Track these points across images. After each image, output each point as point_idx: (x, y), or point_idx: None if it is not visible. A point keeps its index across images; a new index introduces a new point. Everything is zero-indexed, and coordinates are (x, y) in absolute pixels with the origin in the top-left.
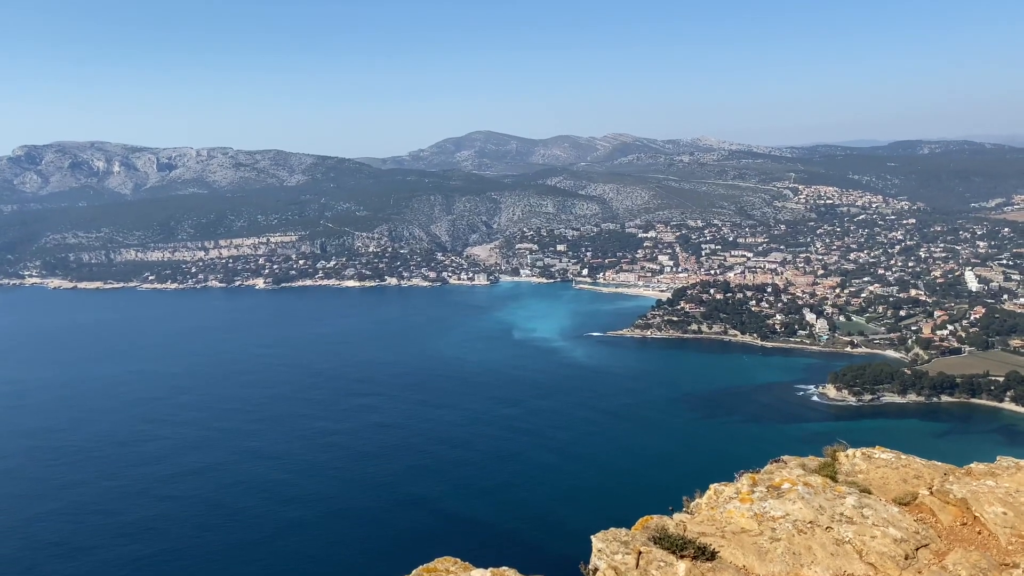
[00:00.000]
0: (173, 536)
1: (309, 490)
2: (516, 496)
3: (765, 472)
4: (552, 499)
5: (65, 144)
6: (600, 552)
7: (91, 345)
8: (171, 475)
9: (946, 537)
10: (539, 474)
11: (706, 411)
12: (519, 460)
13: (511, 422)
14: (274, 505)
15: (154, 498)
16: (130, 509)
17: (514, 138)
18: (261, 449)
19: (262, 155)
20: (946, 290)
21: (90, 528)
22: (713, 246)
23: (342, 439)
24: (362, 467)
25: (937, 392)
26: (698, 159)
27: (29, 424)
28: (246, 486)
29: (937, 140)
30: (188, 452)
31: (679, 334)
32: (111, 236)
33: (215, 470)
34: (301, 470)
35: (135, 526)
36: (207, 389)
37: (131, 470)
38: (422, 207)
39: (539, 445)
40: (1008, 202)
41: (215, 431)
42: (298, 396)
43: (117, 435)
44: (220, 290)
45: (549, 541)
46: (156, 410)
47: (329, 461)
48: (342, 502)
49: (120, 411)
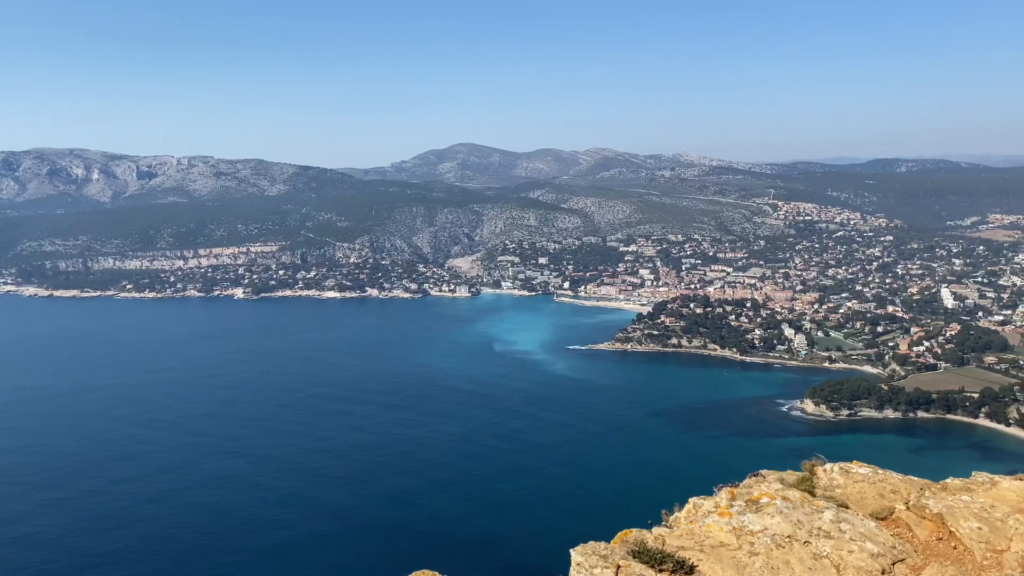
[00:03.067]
0: (141, 553)
1: (284, 505)
2: (495, 509)
3: (744, 486)
4: (531, 512)
5: (43, 151)
6: (579, 566)
7: (64, 354)
8: (139, 491)
9: (922, 552)
10: (518, 487)
11: (685, 425)
12: (498, 474)
13: (491, 436)
14: (248, 521)
15: (120, 514)
16: (106, 521)
17: (497, 151)
18: (233, 465)
19: (243, 164)
20: (922, 307)
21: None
22: (693, 261)
23: (320, 452)
24: (339, 479)
25: (913, 408)
26: (679, 174)
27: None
28: (218, 501)
29: (914, 159)
30: (157, 468)
31: (659, 348)
32: (89, 244)
33: (183, 489)
34: (277, 484)
35: (110, 533)
36: (180, 401)
37: (106, 482)
38: (404, 218)
39: (519, 458)
40: (983, 220)
41: (188, 444)
42: (276, 408)
43: (86, 447)
44: (199, 299)
45: (528, 554)
46: (125, 424)
47: (305, 474)
48: (319, 516)
49: (90, 422)
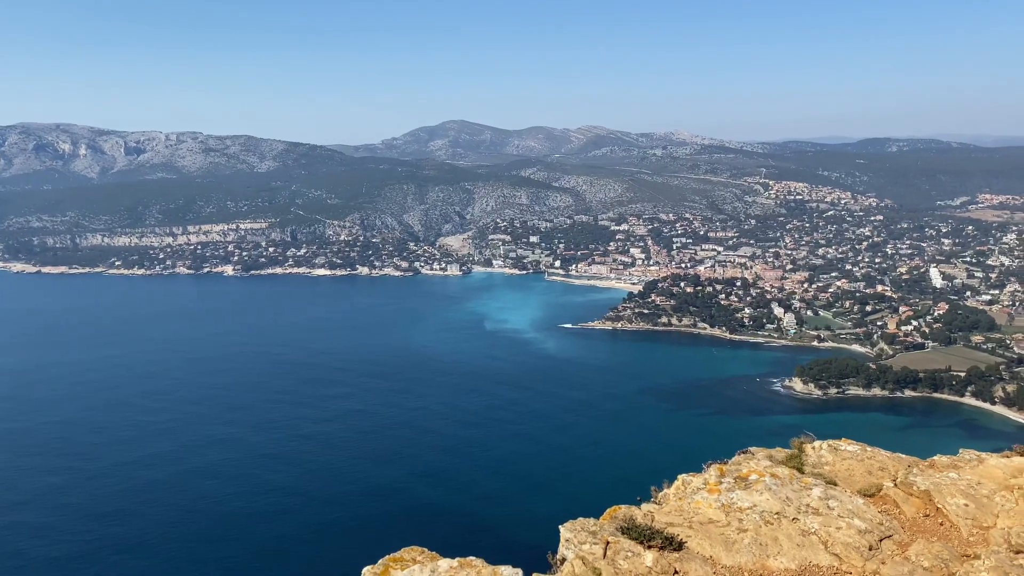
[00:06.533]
0: (139, 524)
1: (274, 480)
2: (485, 486)
3: (733, 463)
4: (521, 489)
5: (29, 125)
6: (568, 542)
7: (53, 330)
8: (131, 463)
9: (909, 528)
10: (508, 464)
11: (675, 403)
12: (489, 450)
13: (482, 412)
14: (237, 496)
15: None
16: (98, 495)
17: (488, 128)
18: (225, 438)
19: (232, 140)
20: (911, 286)
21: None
22: (684, 240)
23: (310, 428)
24: (329, 456)
25: (901, 386)
26: (671, 153)
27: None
28: (209, 475)
29: (905, 138)
30: (150, 441)
31: (649, 326)
32: (77, 220)
33: (174, 459)
34: (265, 460)
35: (106, 515)
36: (172, 378)
37: (99, 458)
38: (395, 196)
39: (509, 435)
40: (972, 200)
41: (180, 421)
42: (266, 385)
43: (78, 424)
44: (188, 277)
45: (517, 531)
46: (119, 400)
47: (296, 450)
48: (308, 491)
49: (79, 400)
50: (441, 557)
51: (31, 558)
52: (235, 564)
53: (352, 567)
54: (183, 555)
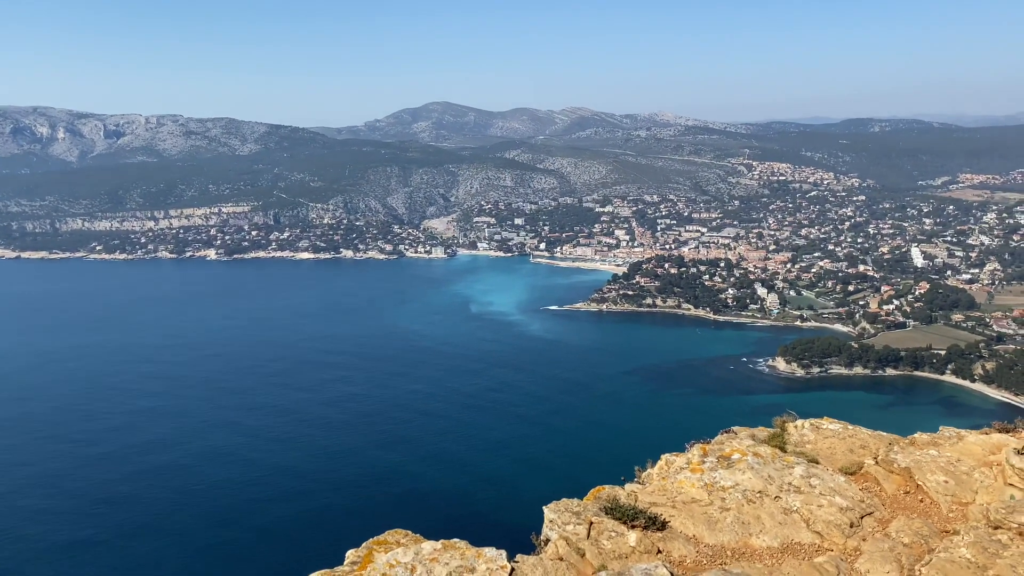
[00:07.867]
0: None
1: (261, 463)
2: (469, 467)
3: (716, 442)
4: (505, 470)
5: (6, 109)
6: (552, 523)
7: (34, 316)
8: (129, 448)
9: (890, 505)
10: (492, 445)
11: (659, 383)
12: (472, 431)
13: (466, 394)
14: (223, 476)
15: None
16: (98, 480)
17: (472, 110)
18: (222, 422)
19: (213, 123)
20: (893, 266)
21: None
22: (668, 221)
23: (297, 412)
24: (314, 439)
25: (882, 365)
26: (655, 134)
27: None
28: (201, 458)
29: (887, 118)
30: (147, 427)
31: (634, 308)
32: (56, 205)
33: (171, 444)
34: (253, 443)
35: (107, 500)
36: (164, 362)
37: (97, 443)
38: (378, 179)
39: (493, 416)
40: (953, 180)
41: (175, 406)
42: (260, 369)
43: (68, 409)
44: (171, 261)
45: (501, 512)
46: (113, 386)
47: (282, 433)
48: (293, 474)
49: (69, 385)
50: (425, 539)
51: (34, 543)
52: (237, 547)
53: (339, 550)
54: (186, 538)
